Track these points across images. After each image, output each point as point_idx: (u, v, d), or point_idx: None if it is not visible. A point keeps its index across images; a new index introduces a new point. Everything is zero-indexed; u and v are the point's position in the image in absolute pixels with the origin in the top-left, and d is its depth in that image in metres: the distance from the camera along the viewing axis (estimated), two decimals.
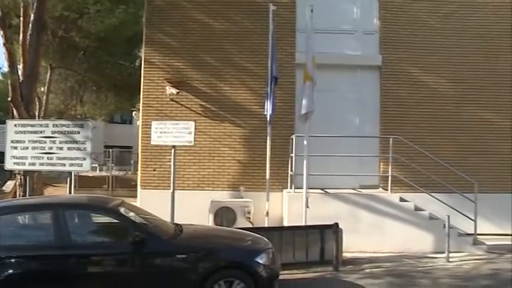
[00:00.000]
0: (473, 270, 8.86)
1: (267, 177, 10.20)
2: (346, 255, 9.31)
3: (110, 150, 27.75)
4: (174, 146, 9.35)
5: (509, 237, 11.10)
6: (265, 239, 7.03)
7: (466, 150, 11.70)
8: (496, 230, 11.18)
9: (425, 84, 11.81)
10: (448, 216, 9.57)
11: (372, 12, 11.97)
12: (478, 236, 10.40)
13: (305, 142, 9.35)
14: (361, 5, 12.01)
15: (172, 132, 9.26)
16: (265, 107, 10.17)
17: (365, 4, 12.01)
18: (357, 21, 11.99)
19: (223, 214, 10.37)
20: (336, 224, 8.76)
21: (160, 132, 9.31)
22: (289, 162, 10.77)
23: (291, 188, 10.48)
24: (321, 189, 10.34)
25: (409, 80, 11.73)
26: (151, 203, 10.13)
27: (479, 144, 11.83)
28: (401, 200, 10.32)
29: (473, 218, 10.33)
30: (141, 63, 13.14)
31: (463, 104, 11.89)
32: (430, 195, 10.45)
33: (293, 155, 10.49)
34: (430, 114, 11.70)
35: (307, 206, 9.44)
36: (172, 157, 9.43)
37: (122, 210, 6.48)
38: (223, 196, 11.02)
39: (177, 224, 7.23)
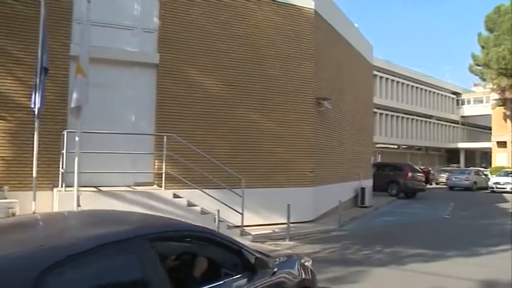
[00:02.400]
0: None
1: (34, 175, 9.44)
2: None
3: None
4: None
5: (271, 226, 12.39)
6: None
7: (235, 149, 12.64)
8: (261, 221, 12.36)
9: (200, 85, 12.35)
10: (218, 211, 10.22)
11: (152, 11, 12.01)
12: (245, 228, 11.27)
13: (77, 138, 8.92)
14: (141, 2, 11.95)
15: None
16: (33, 99, 9.40)
17: (146, 2, 11.98)
18: (136, 18, 11.89)
19: None
20: None
21: None
22: (61, 159, 10.17)
23: (61, 186, 9.89)
24: (94, 187, 10.03)
25: (186, 80, 12.14)
26: None
27: (247, 144, 12.90)
28: (175, 196, 10.59)
29: (240, 211, 11.15)
30: None
31: (234, 105, 12.79)
32: (202, 191, 10.94)
33: (64, 151, 9.91)
34: (204, 114, 12.29)
35: (78, 205, 9.03)
36: None
37: None
38: None
39: None
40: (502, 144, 46.23)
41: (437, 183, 38.85)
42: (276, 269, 4.33)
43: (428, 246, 11.16)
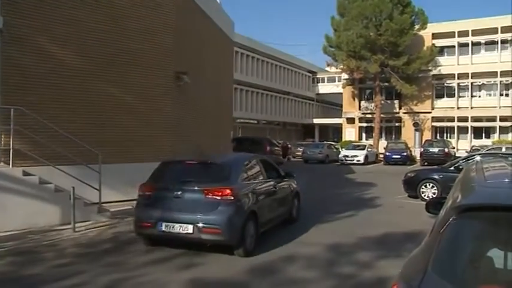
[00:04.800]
0: (96, 237, 9.38)
1: None
2: None
3: None
4: None
5: (130, 202, 12.13)
6: None
7: (91, 123, 12.07)
8: (121, 197, 12.00)
9: (54, 55, 11.50)
10: (73, 188, 9.76)
11: None
12: (103, 204, 11.00)
13: None
14: None
15: None
16: None
17: None
18: None
19: None
20: None
21: None
22: None
23: None
24: None
25: (36, 49, 11.15)
26: None
27: (104, 118, 12.40)
28: (25, 174, 9.91)
29: (98, 187, 10.81)
30: None
31: (91, 78, 12.16)
32: (56, 167, 10.35)
33: None
34: (58, 86, 11.51)
35: None
36: None
37: None
38: None
39: None
40: (350, 120, 50.23)
41: (293, 157, 41.05)
42: (295, 176, 11.31)
43: None
